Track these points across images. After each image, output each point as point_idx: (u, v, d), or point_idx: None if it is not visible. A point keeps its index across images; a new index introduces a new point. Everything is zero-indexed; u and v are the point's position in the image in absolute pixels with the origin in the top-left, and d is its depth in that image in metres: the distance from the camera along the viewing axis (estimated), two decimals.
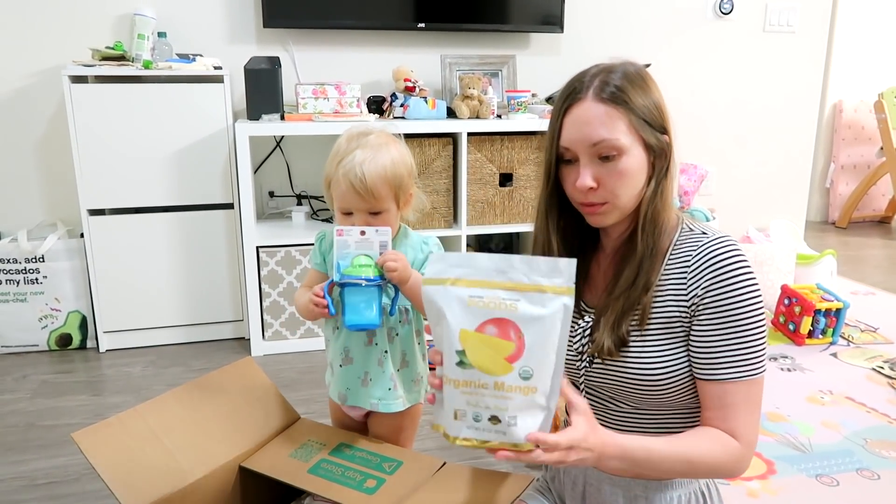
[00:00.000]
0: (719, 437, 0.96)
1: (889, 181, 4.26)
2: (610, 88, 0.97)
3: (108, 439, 1.17)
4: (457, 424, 0.85)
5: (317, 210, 2.79)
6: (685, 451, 0.94)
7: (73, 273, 2.45)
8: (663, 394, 1.00)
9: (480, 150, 2.54)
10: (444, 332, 0.86)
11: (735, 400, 0.96)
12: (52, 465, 1.74)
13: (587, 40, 3.00)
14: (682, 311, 0.99)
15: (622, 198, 0.99)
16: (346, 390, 1.33)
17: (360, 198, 1.21)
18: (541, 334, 0.84)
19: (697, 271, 0.97)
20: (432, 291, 0.87)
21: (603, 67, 1.00)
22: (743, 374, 0.96)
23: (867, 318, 2.76)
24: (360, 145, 1.23)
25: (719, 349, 0.96)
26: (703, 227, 1.03)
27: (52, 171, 2.59)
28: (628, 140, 0.97)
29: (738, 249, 0.98)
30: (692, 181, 2.77)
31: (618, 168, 0.97)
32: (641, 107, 0.97)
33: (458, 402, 0.85)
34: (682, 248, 1.01)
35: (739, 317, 0.95)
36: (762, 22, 3.24)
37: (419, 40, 2.83)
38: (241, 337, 2.59)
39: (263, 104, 2.37)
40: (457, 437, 0.85)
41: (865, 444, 1.83)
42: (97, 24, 2.52)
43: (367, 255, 1.21)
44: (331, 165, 1.24)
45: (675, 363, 0.99)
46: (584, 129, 0.97)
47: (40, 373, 2.31)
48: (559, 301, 0.85)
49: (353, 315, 1.20)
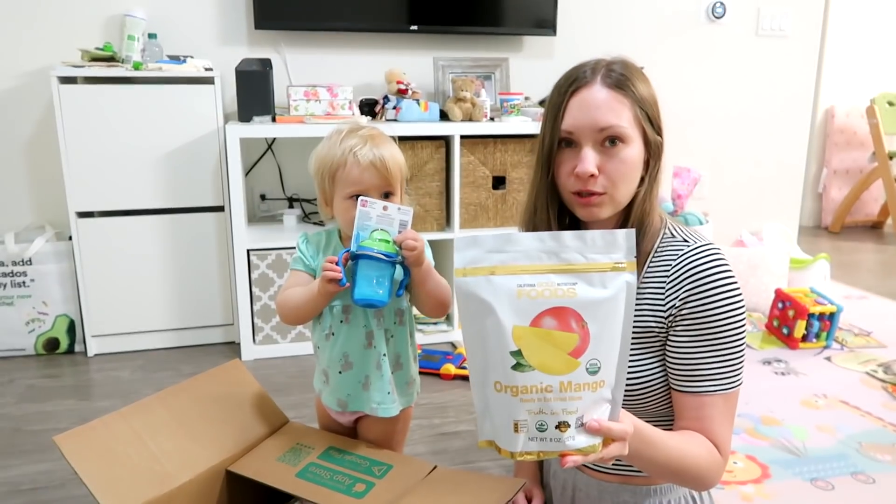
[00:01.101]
0: (706, 443, 0.95)
1: (881, 186, 4.27)
2: (616, 75, 0.95)
3: (91, 443, 1.15)
4: (515, 438, 0.73)
5: (308, 213, 2.77)
6: (683, 448, 0.93)
7: (61, 276, 2.42)
8: (637, 403, 0.98)
9: (473, 152, 2.53)
10: (491, 331, 0.74)
11: (712, 412, 0.95)
12: (37, 471, 1.71)
13: (580, 44, 3.00)
14: (658, 322, 0.97)
15: (620, 189, 0.96)
16: (347, 396, 1.30)
17: (379, 175, 1.22)
18: (606, 320, 0.74)
19: (676, 281, 0.95)
20: (471, 284, 0.75)
21: (603, 59, 0.99)
22: (721, 387, 0.94)
23: (861, 322, 2.75)
24: (364, 134, 1.24)
25: (697, 362, 0.94)
26: (686, 234, 1.00)
27: (40, 173, 2.56)
28: (632, 130, 0.95)
29: (720, 259, 0.95)
30: (685, 185, 2.76)
31: (620, 156, 0.95)
32: (644, 99, 0.96)
33: (517, 413, 0.73)
34: (663, 254, 0.99)
35: (718, 329, 0.93)
36: (755, 26, 3.24)
37: (412, 43, 2.82)
38: (232, 341, 2.56)
39: (255, 106, 2.35)
40: (515, 452, 0.74)
41: (860, 448, 1.82)
42: (86, 24, 2.50)
43: (386, 230, 1.19)
44: (336, 154, 1.22)
45: (650, 373, 0.98)
46: (593, 113, 0.94)
47: (27, 377, 2.27)
48: (621, 279, 0.76)
49: (365, 288, 1.15)
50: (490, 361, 0.75)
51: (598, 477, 1.08)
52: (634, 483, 1.05)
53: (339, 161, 1.22)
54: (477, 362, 0.76)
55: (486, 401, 0.76)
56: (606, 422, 0.76)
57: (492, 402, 0.75)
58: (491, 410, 0.76)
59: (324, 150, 1.26)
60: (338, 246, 1.30)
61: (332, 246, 1.30)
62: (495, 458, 1.77)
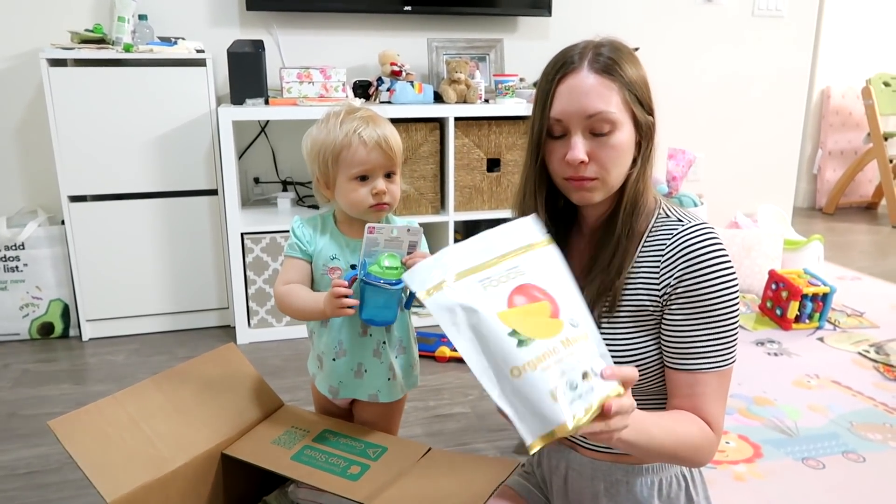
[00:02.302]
0: (697, 421, 0.96)
1: (876, 167, 4.28)
2: (603, 59, 0.94)
3: (86, 427, 1.15)
4: (557, 408, 0.73)
5: (303, 196, 2.76)
6: (674, 429, 0.94)
7: (55, 261, 2.41)
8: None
9: (468, 135, 2.51)
10: (482, 327, 0.76)
11: (705, 390, 0.96)
12: (33, 455, 1.72)
13: (575, 24, 2.97)
14: (652, 300, 0.97)
15: (612, 173, 0.97)
16: (339, 384, 1.30)
17: (385, 155, 1.23)
18: (556, 282, 0.83)
19: (671, 260, 0.95)
20: (444, 296, 0.78)
21: (591, 42, 0.98)
22: (714, 365, 0.95)
23: (853, 303, 2.77)
24: (363, 115, 1.24)
25: (691, 339, 0.95)
26: (680, 214, 1.00)
27: (31, 157, 2.54)
28: (621, 115, 0.95)
29: (714, 238, 0.95)
30: (680, 166, 2.76)
31: (610, 142, 0.95)
32: (633, 81, 0.95)
33: (547, 383, 0.73)
34: (657, 234, 0.99)
35: (712, 307, 0.94)
36: (751, 6, 3.22)
37: (406, 24, 2.79)
38: (227, 325, 2.56)
39: (247, 88, 2.33)
40: (568, 422, 0.73)
41: (851, 427, 1.84)
42: (76, 6, 2.47)
43: (395, 254, 1.17)
44: (339, 136, 1.21)
45: (644, 352, 0.98)
46: (581, 100, 0.94)
47: (21, 362, 2.27)
48: (547, 251, 0.88)
49: (373, 312, 1.16)
50: (496, 356, 0.76)
51: (591, 455, 1.08)
52: (627, 462, 1.06)
53: (343, 142, 1.21)
54: (485, 367, 0.76)
55: (514, 396, 0.75)
56: (615, 366, 0.79)
57: (520, 393, 0.74)
58: (523, 401, 0.74)
59: (322, 133, 1.24)
60: (333, 231, 1.29)
61: (329, 231, 1.30)
62: (490, 439, 1.78)
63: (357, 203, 1.24)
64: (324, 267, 1.28)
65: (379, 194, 1.23)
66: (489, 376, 0.76)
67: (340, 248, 1.28)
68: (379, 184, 1.23)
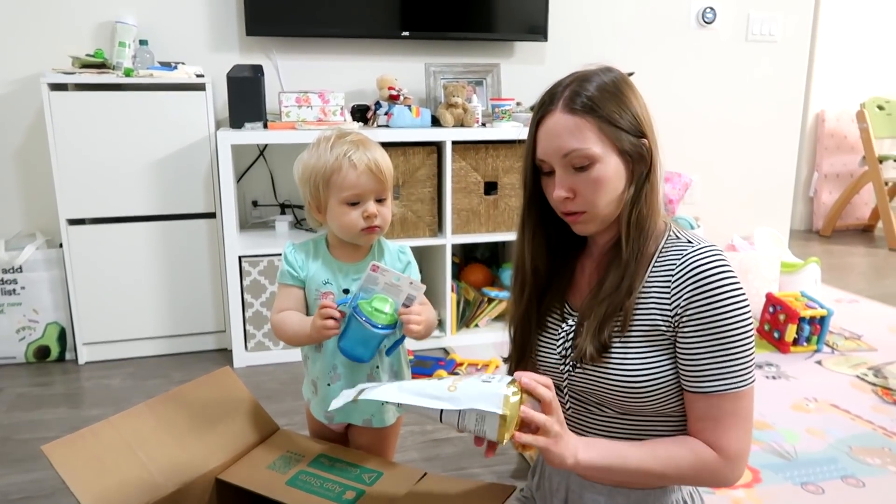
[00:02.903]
0: (695, 447, 0.96)
1: (872, 190, 4.30)
2: (580, 99, 0.97)
3: (79, 452, 1.14)
4: (494, 384, 0.91)
5: (300, 219, 2.77)
6: (657, 450, 0.95)
7: (52, 284, 2.41)
8: (646, 401, 0.99)
9: (465, 158, 2.53)
10: (413, 384, 0.96)
11: (721, 413, 0.96)
12: (27, 480, 1.70)
13: (571, 49, 3.01)
14: (665, 321, 0.98)
15: (599, 206, 0.99)
16: (336, 410, 1.30)
17: (375, 180, 1.23)
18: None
19: (680, 282, 0.96)
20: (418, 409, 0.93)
21: (577, 77, 1.00)
22: (729, 387, 0.95)
23: (851, 326, 2.77)
24: (353, 139, 1.24)
25: (704, 362, 0.95)
26: (689, 236, 1.02)
27: (30, 180, 2.56)
28: (600, 148, 0.97)
29: (723, 260, 0.97)
30: (676, 189, 2.78)
31: (591, 177, 0.98)
32: (612, 114, 0.97)
33: (475, 382, 0.93)
34: (667, 255, 1.00)
35: (723, 329, 0.94)
36: (745, 31, 3.26)
37: (403, 49, 2.82)
38: (224, 348, 2.55)
39: (246, 112, 2.35)
40: (507, 392, 0.88)
41: (850, 452, 1.83)
42: (78, 31, 2.50)
43: (390, 300, 1.17)
44: (329, 160, 1.22)
45: (658, 372, 0.98)
46: (555, 141, 0.98)
47: (17, 385, 2.26)
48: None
49: (350, 345, 1.17)
50: (432, 391, 0.93)
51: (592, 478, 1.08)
52: (627, 485, 1.05)
53: (334, 166, 1.22)
54: (430, 398, 0.93)
55: (462, 401, 0.90)
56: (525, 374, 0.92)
57: (463, 396, 0.90)
58: (470, 399, 0.89)
59: (313, 158, 1.25)
60: (325, 256, 1.30)
61: (321, 256, 1.30)
62: (487, 464, 1.77)
63: (348, 226, 1.24)
64: (316, 292, 1.28)
65: (370, 217, 1.23)
66: (437, 402, 0.92)
67: (333, 273, 1.28)
68: (370, 207, 1.23)
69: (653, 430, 1.02)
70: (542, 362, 1.10)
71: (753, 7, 3.24)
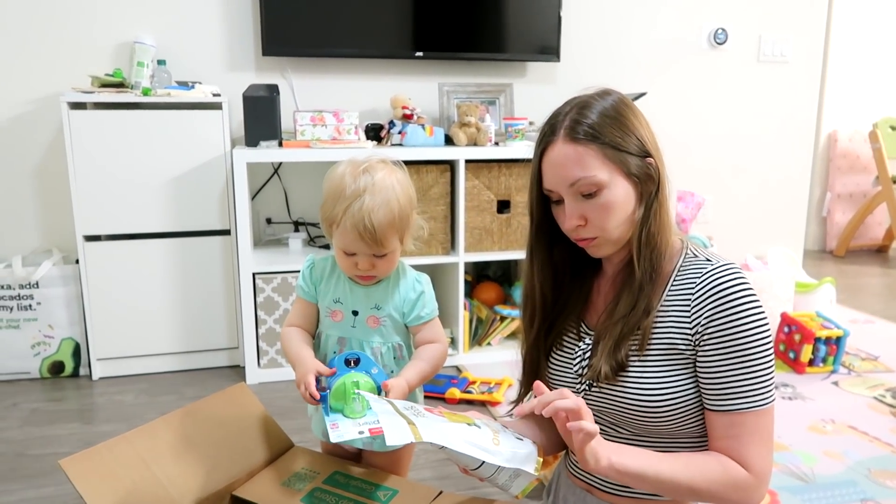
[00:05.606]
0: (725, 462, 0.95)
1: (885, 210, 4.28)
2: (582, 127, 0.97)
3: (96, 467, 1.14)
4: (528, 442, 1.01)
5: (314, 237, 2.78)
6: (690, 463, 0.94)
7: (68, 300, 2.43)
8: (662, 421, 0.98)
9: (478, 177, 2.54)
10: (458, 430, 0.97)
11: (743, 431, 0.95)
12: (40, 496, 1.71)
13: (583, 69, 3.03)
14: (685, 339, 0.97)
15: (610, 230, 1.00)
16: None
17: (366, 245, 1.19)
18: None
19: (700, 300, 0.96)
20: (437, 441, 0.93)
21: (576, 104, 1.00)
22: (752, 404, 0.94)
23: (867, 347, 2.74)
24: (368, 189, 1.18)
25: (727, 379, 0.95)
26: (707, 254, 1.02)
27: (48, 197, 2.59)
28: (606, 174, 0.97)
29: (742, 277, 0.96)
30: (689, 209, 2.77)
31: (600, 203, 0.98)
32: (615, 138, 0.97)
33: (512, 437, 1.01)
34: (686, 273, 1.00)
35: (746, 346, 0.94)
36: (756, 52, 3.27)
37: (417, 69, 2.85)
38: (237, 365, 2.56)
39: (261, 131, 2.38)
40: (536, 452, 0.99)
41: (869, 474, 1.80)
42: (97, 51, 2.54)
43: (370, 379, 1.18)
44: (335, 206, 1.19)
45: (677, 391, 0.97)
46: (560, 171, 0.99)
47: (31, 401, 2.27)
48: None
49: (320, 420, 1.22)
50: (477, 441, 0.95)
51: (609, 500, 1.07)
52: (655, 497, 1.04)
53: (336, 217, 1.20)
54: (477, 449, 0.94)
55: (506, 453, 0.96)
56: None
57: (505, 450, 0.96)
58: (514, 454, 0.96)
59: (334, 189, 1.21)
60: (341, 274, 1.29)
61: (336, 273, 1.30)
62: None
63: (343, 269, 1.26)
64: (327, 309, 1.28)
65: (362, 270, 1.23)
66: (483, 453, 0.93)
67: (345, 293, 1.28)
68: (361, 262, 1.22)
69: (671, 452, 1.02)
70: (558, 382, 1.10)
71: (765, 28, 3.25)
